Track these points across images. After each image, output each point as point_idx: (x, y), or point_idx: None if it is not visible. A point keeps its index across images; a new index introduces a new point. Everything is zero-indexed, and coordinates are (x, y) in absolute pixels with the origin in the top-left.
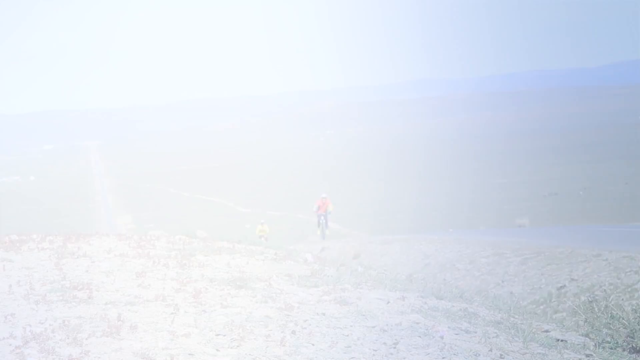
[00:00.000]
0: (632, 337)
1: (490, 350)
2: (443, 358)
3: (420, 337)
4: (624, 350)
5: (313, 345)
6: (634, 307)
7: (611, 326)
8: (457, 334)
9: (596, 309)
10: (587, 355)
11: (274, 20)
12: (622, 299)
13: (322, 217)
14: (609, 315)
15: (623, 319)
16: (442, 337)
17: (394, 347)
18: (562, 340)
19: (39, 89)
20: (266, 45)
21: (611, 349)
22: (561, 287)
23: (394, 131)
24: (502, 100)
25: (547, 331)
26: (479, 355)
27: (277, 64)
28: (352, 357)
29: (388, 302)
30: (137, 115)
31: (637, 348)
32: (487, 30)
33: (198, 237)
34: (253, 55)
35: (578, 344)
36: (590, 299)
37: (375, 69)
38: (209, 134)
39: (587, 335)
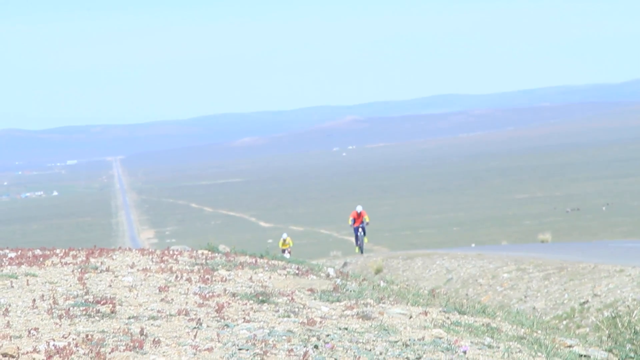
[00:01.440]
0: None
1: None
2: None
3: (443, 352)
4: None
5: None
6: None
7: (634, 342)
8: (480, 349)
9: (619, 324)
10: None
11: (297, 36)
12: None
13: (359, 230)
14: (633, 330)
15: None
16: (464, 352)
17: None
18: (585, 356)
19: (64, 104)
20: (290, 61)
21: None
22: (584, 302)
23: (416, 146)
24: (524, 115)
25: (570, 346)
26: None
27: (300, 80)
28: None
29: (410, 317)
30: (160, 131)
31: None
32: (509, 46)
33: (220, 251)
34: (277, 70)
35: None
36: (613, 315)
37: (396, 85)
38: (232, 149)
39: (610, 351)
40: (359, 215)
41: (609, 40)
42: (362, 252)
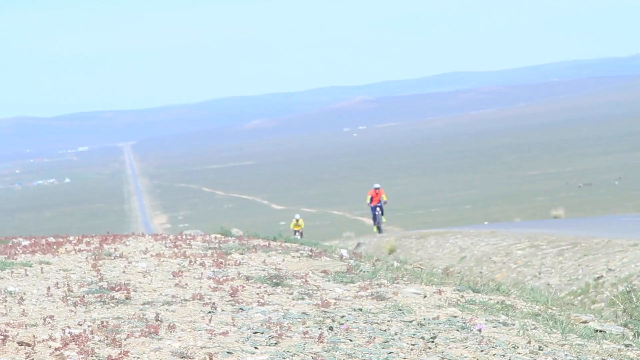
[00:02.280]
0: None
1: (529, 342)
2: (482, 351)
3: (458, 330)
4: None
5: (351, 341)
6: None
7: None
8: (495, 327)
9: (634, 298)
10: (627, 346)
11: (305, 17)
12: None
13: (377, 209)
14: None
15: None
16: (480, 331)
17: (432, 342)
18: (600, 331)
19: (73, 91)
20: (299, 42)
21: None
22: (598, 277)
23: (426, 125)
24: (534, 91)
25: (585, 322)
26: (518, 347)
27: (309, 61)
28: (390, 352)
29: (425, 297)
30: (170, 115)
31: None
32: (518, 22)
33: (233, 235)
34: (286, 52)
35: (617, 334)
36: (628, 289)
37: (405, 64)
38: (242, 132)
39: (625, 325)
40: (377, 193)
41: (617, 13)
42: (380, 232)
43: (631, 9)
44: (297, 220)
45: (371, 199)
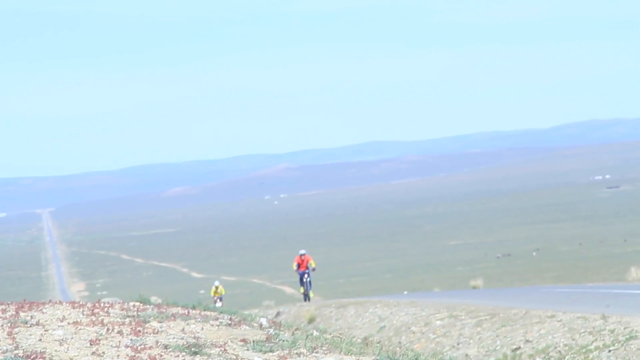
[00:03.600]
0: None
1: None
2: None
3: None
4: None
5: None
6: None
7: None
8: None
9: None
10: None
11: (226, 83)
12: None
13: (305, 275)
14: None
15: None
16: None
17: None
18: None
19: None
20: (220, 109)
21: None
22: (516, 348)
23: (348, 194)
24: (455, 162)
25: None
26: None
27: (231, 128)
28: None
29: None
30: (91, 181)
31: None
32: (438, 93)
33: (152, 303)
34: (207, 118)
35: None
36: None
37: (328, 132)
38: (163, 199)
39: None
40: (303, 260)
41: (536, 86)
42: (308, 300)
43: (549, 83)
44: (217, 287)
45: (298, 266)
